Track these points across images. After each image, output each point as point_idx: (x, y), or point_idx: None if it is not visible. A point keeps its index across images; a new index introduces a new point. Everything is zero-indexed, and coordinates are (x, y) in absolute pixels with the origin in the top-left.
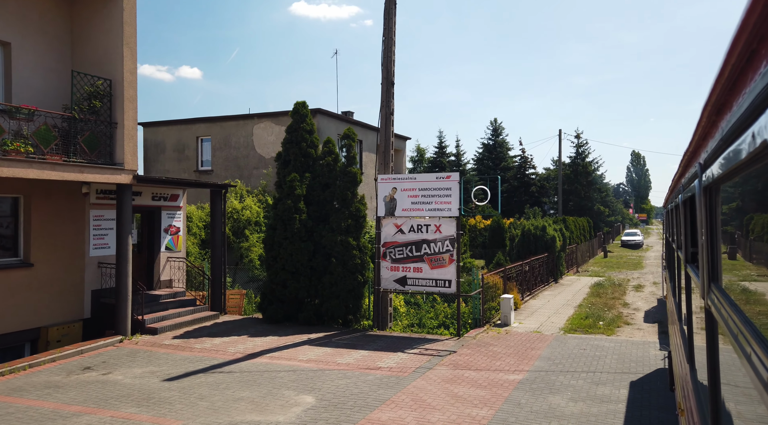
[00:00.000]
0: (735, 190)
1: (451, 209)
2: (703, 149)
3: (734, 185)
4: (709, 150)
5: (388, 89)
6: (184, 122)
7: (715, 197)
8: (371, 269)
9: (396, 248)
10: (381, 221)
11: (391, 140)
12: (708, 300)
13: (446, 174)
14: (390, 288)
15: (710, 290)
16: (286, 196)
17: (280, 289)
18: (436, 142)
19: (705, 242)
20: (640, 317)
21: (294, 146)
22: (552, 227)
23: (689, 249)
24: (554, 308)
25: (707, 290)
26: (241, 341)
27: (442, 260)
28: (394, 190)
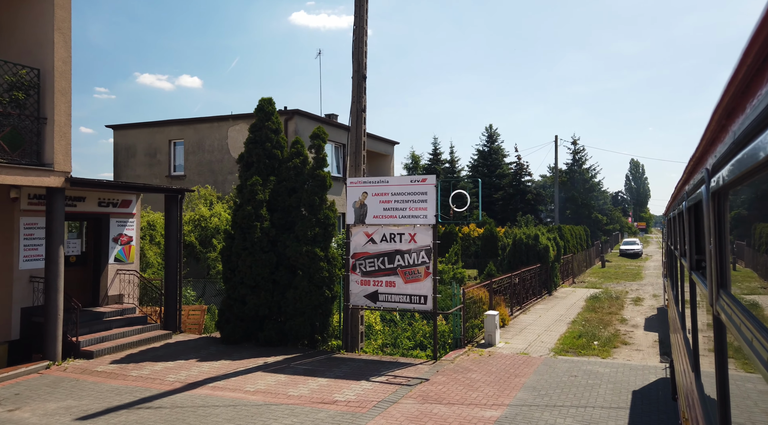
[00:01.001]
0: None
1: (427, 215)
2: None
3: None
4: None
5: (360, 84)
6: (156, 125)
7: (724, 202)
8: (342, 282)
9: (366, 259)
10: (350, 229)
11: (363, 139)
12: (717, 307)
13: (422, 177)
14: (360, 304)
15: (719, 297)
16: (246, 201)
17: (239, 305)
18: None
19: (713, 248)
20: (640, 335)
21: (258, 146)
22: (545, 236)
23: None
24: (545, 325)
25: (716, 296)
26: (186, 366)
27: (417, 273)
28: (365, 195)
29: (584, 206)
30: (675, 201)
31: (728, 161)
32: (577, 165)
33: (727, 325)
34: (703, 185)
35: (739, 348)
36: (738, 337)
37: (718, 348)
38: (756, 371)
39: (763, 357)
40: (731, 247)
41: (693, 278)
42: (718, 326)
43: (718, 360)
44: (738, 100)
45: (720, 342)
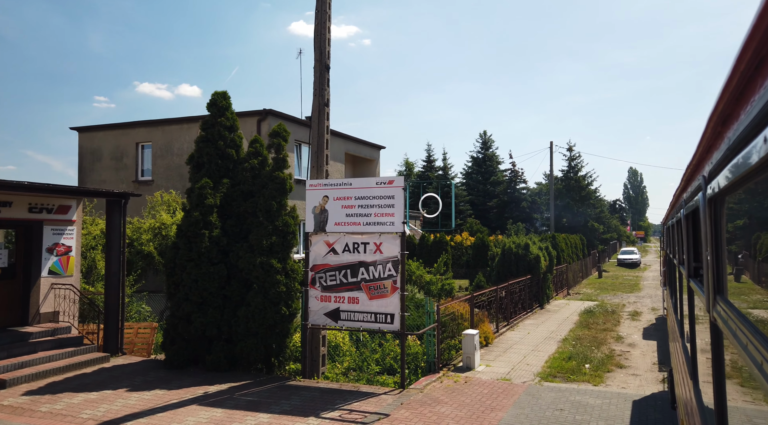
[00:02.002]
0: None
1: (394, 222)
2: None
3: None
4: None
5: (322, 74)
6: (122, 127)
7: (720, 208)
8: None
9: (327, 272)
10: (310, 238)
11: (326, 136)
12: (714, 313)
13: (388, 178)
14: (320, 323)
15: (716, 303)
16: (194, 207)
17: (184, 324)
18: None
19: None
20: (637, 357)
21: (209, 145)
22: (536, 246)
23: (692, 264)
24: (533, 343)
25: (713, 302)
26: (111, 398)
27: (383, 288)
28: (326, 199)
29: (580, 215)
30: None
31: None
32: (573, 172)
33: (724, 331)
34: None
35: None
36: (734, 342)
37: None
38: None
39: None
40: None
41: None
42: (715, 332)
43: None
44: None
45: (717, 348)
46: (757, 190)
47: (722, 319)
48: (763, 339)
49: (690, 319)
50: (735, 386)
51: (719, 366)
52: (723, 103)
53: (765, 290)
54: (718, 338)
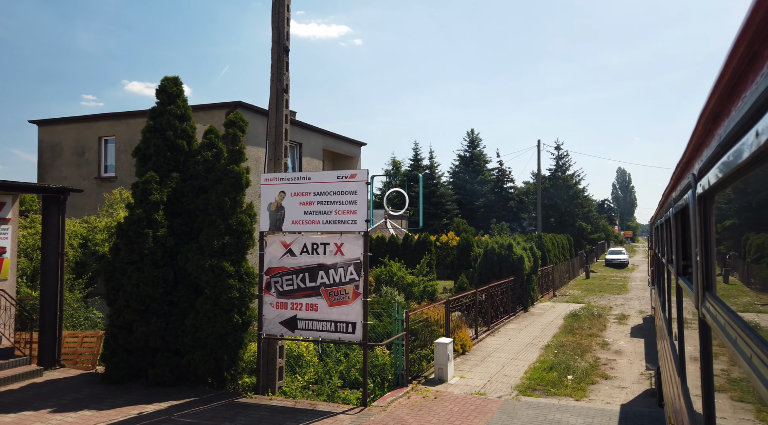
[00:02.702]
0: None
1: (356, 221)
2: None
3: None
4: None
5: (280, 57)
6: (84, 120)
7: (710, 205)
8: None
9: (284, 276)
10: (265, 238)
11: (285, 126)
12: (702, 309)
13: (350, 172)
14: (275, 333)
15: (705, 299)
16: (138, 203)
17: (125, 334)
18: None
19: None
20: (624, 365)
21: (157, 135)
22: (520, 246)
23: (681, 262)
24: (514, 351)
25: (701, 299)
26: (29, 421)
27: (344, 293)
28: (282, 195)
29: (568, 214)
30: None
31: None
32: (561, 171)
33: (712, 326)
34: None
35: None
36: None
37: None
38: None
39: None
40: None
41: (680, 283)
42: (703, 328)
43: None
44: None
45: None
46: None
47: (711, 315)
48: (753, 333)
49: (678, 317)
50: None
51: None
52: (714, 99)
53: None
54: (706, 334)
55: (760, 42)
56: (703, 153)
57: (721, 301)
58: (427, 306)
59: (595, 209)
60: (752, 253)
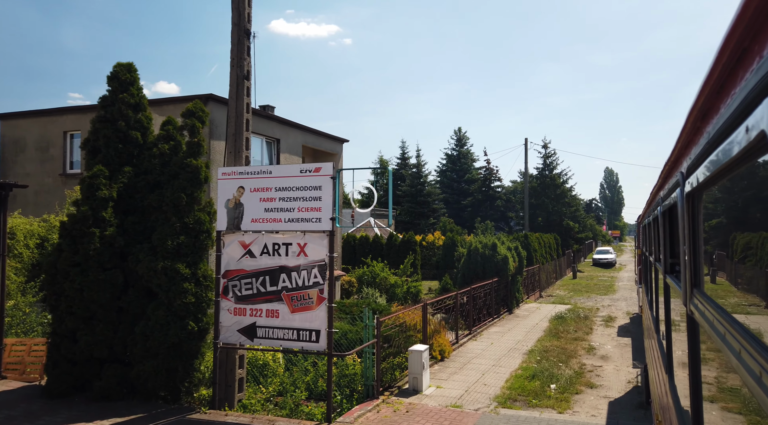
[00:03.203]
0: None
1: (321, 219)
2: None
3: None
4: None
5: (241, 41)
6: (49, 114)
7: (698, 203)
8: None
9: (243, 279)
10: (222, 238)
11: (246, 116)
12: (690, 306)
13: (314, 166)
14: (233, 341)
15: (693, 296)
16: (84, 200)
17: (68, 343)
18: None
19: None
20: (610, 372)
21: (108, 126)
22: (505, 246)
23: (668, 260)
24: (496, 357)
25: (689, 296)
26: None
27: (308, 298)
28: (241, 190)
29: (555, 213)
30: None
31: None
32: (548, 170)
33: (701, 323)
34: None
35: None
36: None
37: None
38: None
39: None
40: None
41: (667, 281)
42: (691, 324)
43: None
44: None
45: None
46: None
47: (699, 311)
48: (742, 328)
49: (666, 315)
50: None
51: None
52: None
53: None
54: (694, 330)
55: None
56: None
57: (710, 297)
58: (404, 310)
59: (583, 209)
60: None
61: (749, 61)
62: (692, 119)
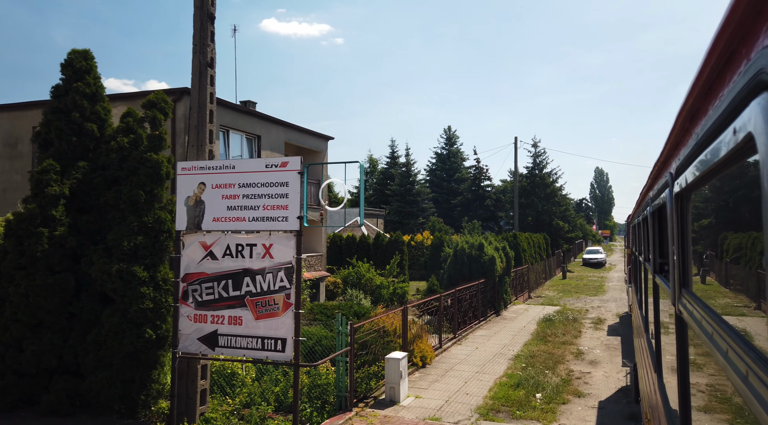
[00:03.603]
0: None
1: (287, 217)
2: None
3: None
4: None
5: (204, 25)
6: (16, 108)
7: (687, 203)
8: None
9: (204, 283)
10: (182, 238)
11: (210, 107)
12: (679, 305)
13: (280, 160)
14: (193, 350)
15: (681, 296)
16: (32, 197)
17: (13, 353)
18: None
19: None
20: (600, 379)
21: (61, 117)
22: (492, 246)
23: (657, 260)
24: (480, 362)
25: (678, 295)
26: None
27: (273, 304)
28: (202, 187)
29: (545, 213)
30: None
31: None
32: (538, 169)
33: (689, 322)
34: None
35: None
36: (699, 333)
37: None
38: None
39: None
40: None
41: (656, 281)
42: (680, 324)
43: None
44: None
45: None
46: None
47: (687, 311)
48: (729, 327)
49: (655, 314)
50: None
51: (684, 356)
52: (692, 98)
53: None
54: (683, 330)
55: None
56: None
57: (698, 297)
58: (384, 314)
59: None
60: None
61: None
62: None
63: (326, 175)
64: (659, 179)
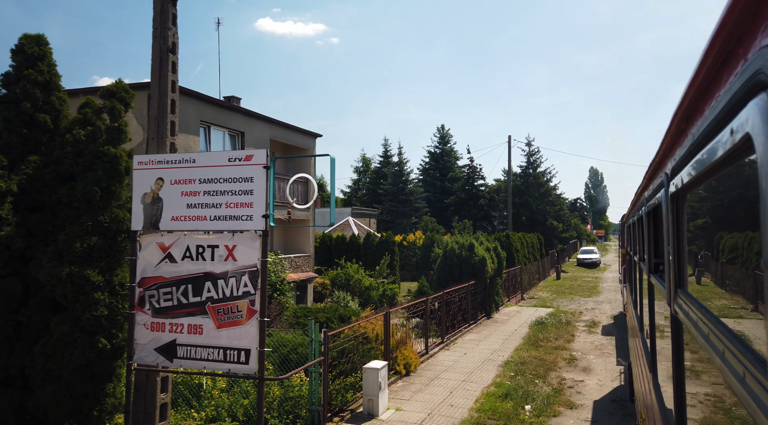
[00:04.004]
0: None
1: (252, 216)
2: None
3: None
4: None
5: (165, 8)
6: None
7: (682, 204)
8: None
9: (161, 288)
10: (138, 239)
11: (172, 96)
12: (674, 306)
13: (244, 153)
14: (149, 362)
15: (677, 296)
16: None
17: None
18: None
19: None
20: (593, 388)
21: (10, 107)
22: (483, 247)
23: (653, 260)
24: (468, 370)
25: (673, 296)
26: None
27: (237, 312)
28: (160, 183)
29: (539, 212)
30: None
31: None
32: (532, 168)
33: (684, 322)
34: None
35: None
36: (695, 333)
37: (675, 345)
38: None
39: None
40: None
41: (651, 281)
42: (675, 324)
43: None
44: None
45: (677, 340)
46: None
47: (683, 311)
48: (725, 328)
49: (650, 314)
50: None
51: (679, 357)
52: (688, 99)
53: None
54: (678, 330)
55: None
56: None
57: (694, 298)
58: (364, 319)
59: (567, 208)
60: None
61: (734, 64)
62: (677, 120)
63: (314, 173)
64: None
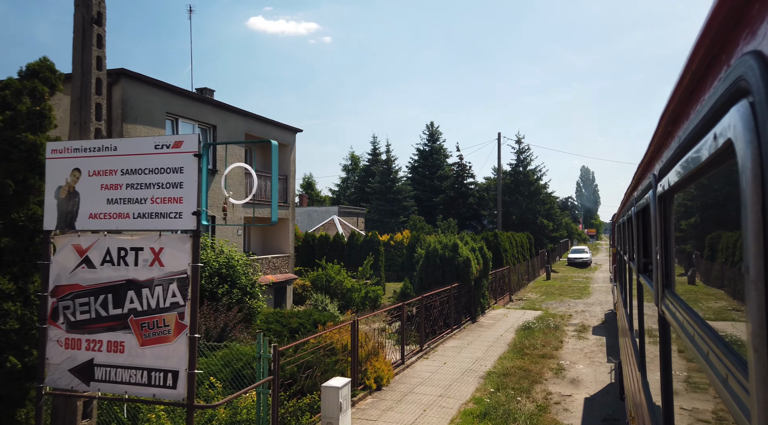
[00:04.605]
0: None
1: (181, 213)
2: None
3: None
4: (664, 160)
5: None
6: None
7: (670, 205)
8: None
9: (78, 298)
10: (52, 240)
11: (97, 74)
12: (662, 306)
13: (173, 139)
14: (63, 385)
15: (664, 296)
16: None
17: None
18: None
19: (659, 250)
20: (581, 404)
21: None
22: (468, 247)
23: (641, 260)
24: (446, 382)
25: (661, 296)
26: None
27: (163, 326)
28: (76, 174)
29: (529, 211)
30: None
31: (673, 165)
32: (522, 166)
33: (671, 323)
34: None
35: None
36: (681, 334)
37: (663, 345)
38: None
39: (704, 351)
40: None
41: (640, 280)
42: (663, 324)
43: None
44: (683, 106)
45: (665, 340)
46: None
47: (670, 312)
48: (710, 330)
49: (639, 313)
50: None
51: (666, 357)
52: (674, 102)
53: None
54: (665, 330)
55: (719, 46)
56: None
57: (680, 299)
58: (331, 328)
59: (558, 207)
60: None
61: (718, 70)
62: (664, 123)
63: (294, 169)
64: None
